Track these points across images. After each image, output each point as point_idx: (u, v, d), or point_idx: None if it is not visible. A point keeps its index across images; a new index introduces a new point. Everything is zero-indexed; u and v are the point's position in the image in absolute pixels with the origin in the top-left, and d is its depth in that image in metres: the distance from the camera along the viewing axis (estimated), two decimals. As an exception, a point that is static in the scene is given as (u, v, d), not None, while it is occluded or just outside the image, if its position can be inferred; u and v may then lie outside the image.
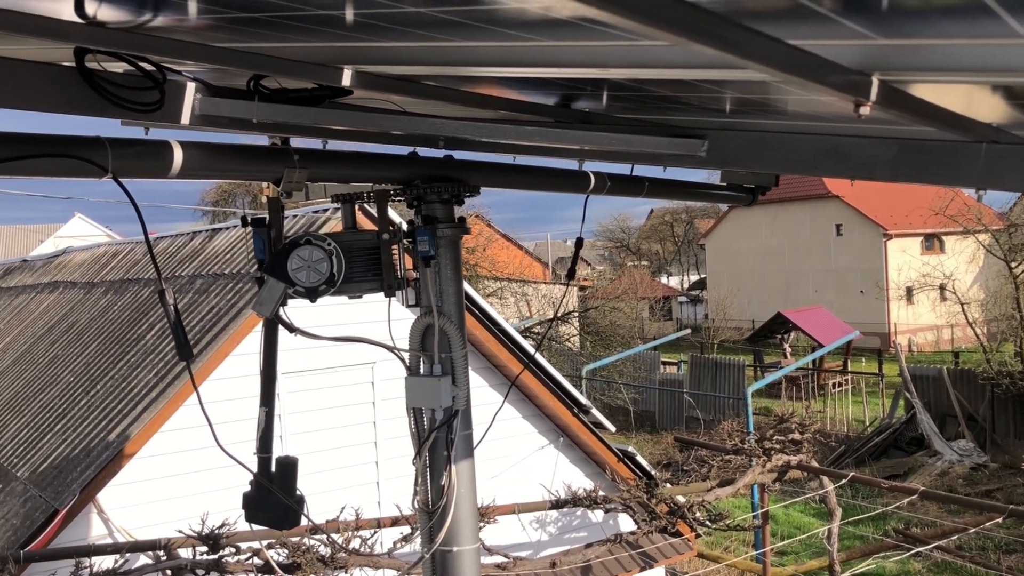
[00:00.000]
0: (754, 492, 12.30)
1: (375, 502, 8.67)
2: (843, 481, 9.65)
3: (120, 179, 2.06)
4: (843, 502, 11.82)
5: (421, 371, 2.99)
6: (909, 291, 34.19)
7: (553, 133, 2.64)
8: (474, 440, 3.00)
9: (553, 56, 2.37)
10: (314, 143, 3.14)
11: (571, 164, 3.92)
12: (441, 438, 2.89)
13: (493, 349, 8.84)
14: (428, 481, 2.93)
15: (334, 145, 3.22)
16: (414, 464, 2.96)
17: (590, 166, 3.81)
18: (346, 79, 1.97)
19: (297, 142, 2.97)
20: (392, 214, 6.83)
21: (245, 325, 7.88)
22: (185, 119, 2.13)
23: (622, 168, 4.04)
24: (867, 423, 21.39)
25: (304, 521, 3.27)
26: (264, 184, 3.00)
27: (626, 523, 9.41)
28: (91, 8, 1.93)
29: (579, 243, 3.66)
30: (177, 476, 7.68)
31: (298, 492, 3.32)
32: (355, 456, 8.66)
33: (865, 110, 1.85)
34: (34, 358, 10.98)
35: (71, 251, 15.61)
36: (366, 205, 8.71)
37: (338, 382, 8.57)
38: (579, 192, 3.47)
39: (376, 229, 2.86)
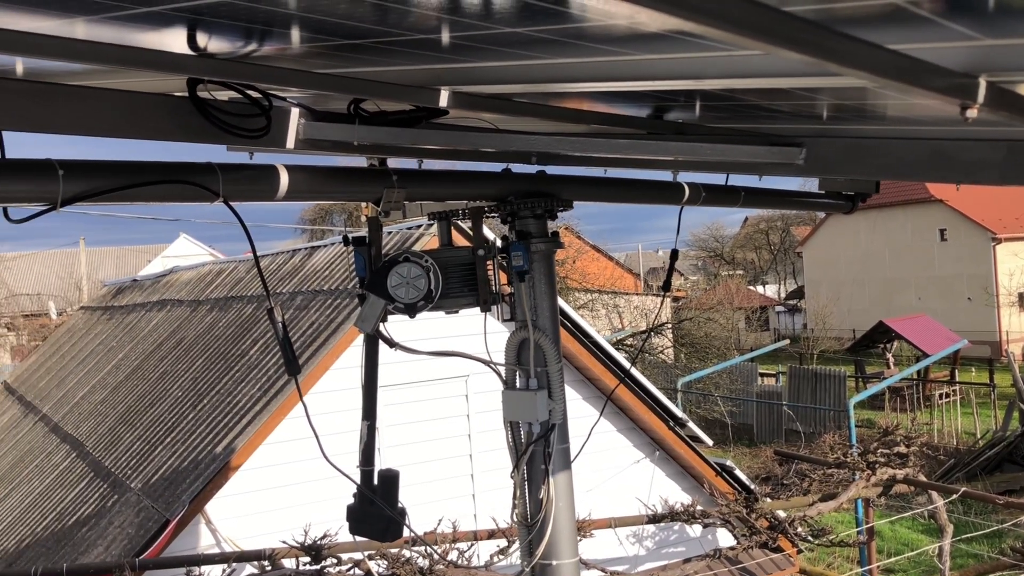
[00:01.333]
0: (858, 507, 11.91)
1: (471, 515, 8.74)
2: (954, 496, 9.27)
3: (230, 203, 2.16)
4: (954, 518, 11.34)
5: (517, 385, 3.01)
6: (1022, 297, 32.63)
7: (647, 145, 2.64)
8: (571, 453, 3.00)
9: (645, 69, 2.37)
10: (410, 163, 3.21)
11: (662, 175, 3.90)
12: (538, 451, 2.91)
13: (586, 362, 8.83)
14: (526, 494, 2.95)
15: (428, 164, 3.28)
16: (512, 478, 2.98)
17: (683, 176, 3.78)
18: (443, 100, 2.02)
19: (393, 162, 3.05)
20: (485, 230, 6.85)
21: (344, 340, 8.06)
22: (290, 143, 2.21)
23: (716, 178, 4.00)
24: (978, 436, 20.47)
25: (406, 533, 3.33)
26: (363, 203, 3.09)
27: (725, 538, 9.24)
28: (202, 41, 2.03)
29: (674, 255, 3.63)
30: (280, 488, 7.90)
31: (400, 504, 3.38)
32: (450, 469, 8.75)
33: (972, 113, 1.79)
34: (145, 373, 11.48)
35: (178, 270, 16.27)
36: (459, 222, 8.83)
37: (433, 395, 8.69)
38: (673, 203, 3.45)
39: (471, 245, 2.91)
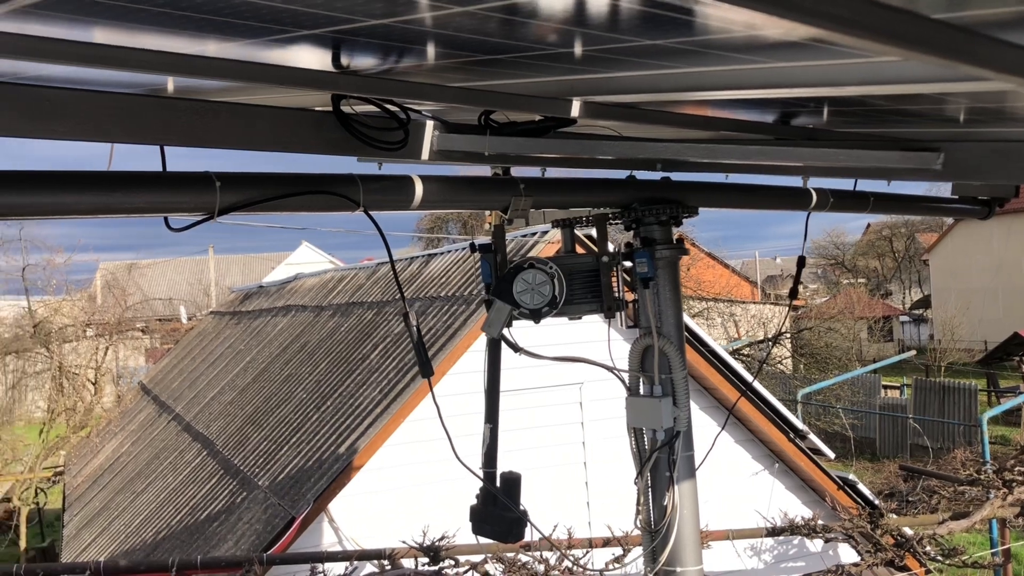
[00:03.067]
0: (993, 527, 11.32)
1: (585, 522, 8.74)
2: (1100, 520, 8.70)
3: (369, 212, 2.26)
4: (1100, 543, 10.63)
5: (641, 391, 3.02)
6: None
7: (776, 151, 2.61)
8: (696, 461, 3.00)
9: (773, 77, 2.36)
10: (533, 171, 3.27)
11: (786, 180, 3.84)
12: (663, 458, 2.91)
13: (703, 371, 8.72)
14: (650, 501, 2.96)
15: (551, 172, 3.33)
16: (636, 484, 2.99)
17: (810, 182, 3.71)
18: (575, 110, 2.07)
19: (516, 171, 3.12)
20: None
21: (460, 345, 8.21)
22: (424, 155, 2.30)
23: (842, 183, 3.91)
24: None
25: (529, 535, 3.38)
26: (487, 212, 3.17)
27: (847, 555, 8.95)
28: (345, 59, 2.14)
29: (801, 262, 3.57)
30: (400, 489, 8.10)
31: (522, 507, 3.44)
32: (565, 476, 8.78)
33: None
34: (271, 376, 11.95)
35: (301, 277, 16.87)
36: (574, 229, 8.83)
37: (547, 402, 8.74)
38: (800, 209, 3.40)
39: (594, 252, 2.94)
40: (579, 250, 3.77)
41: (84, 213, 1.92)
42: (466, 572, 6.91)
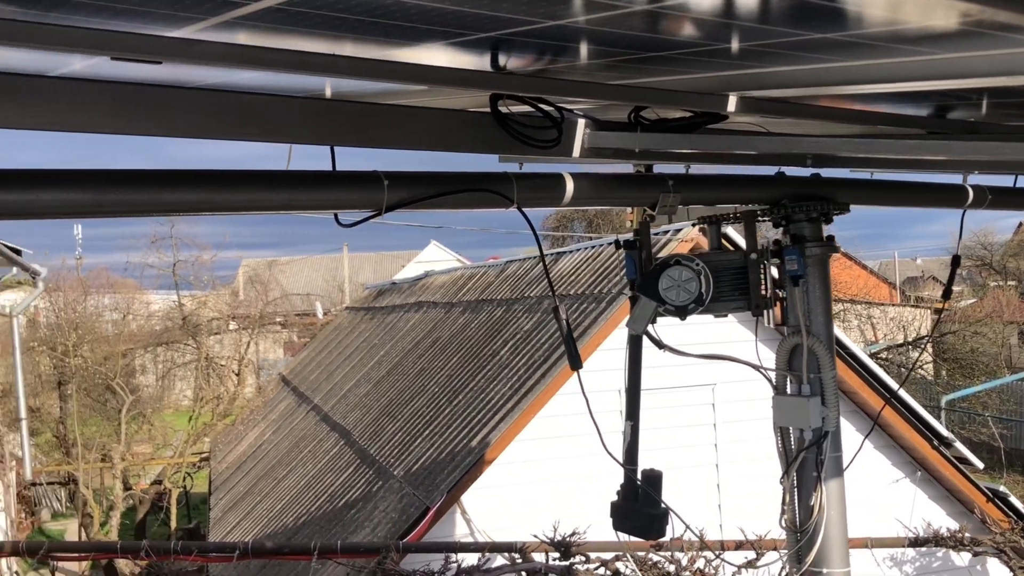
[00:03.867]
0: None
1: (716, 524, 8.62)
2: None
3: (522, 209, 2.33)
4: None
5: (788, 391, 2.99)
6: None
7: (934, 145, 2.54)
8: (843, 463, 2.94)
9: (931, 69, 2.29)
10: (677, 168, 3.27)
11: (938, 177, 3.70)
12: (810, 458, 2.87)
13: (842, 374, 8.45)
14: (795, 501, 2.92)
15: (695, 169, 3.33)
16: (781, 483, 2.96)
17: (958, 178, 3.57)
18: (731, 105, 2.07)
19: (659, 170, 3.13)
20: (735, 236, 6.79)
21: (590, 343, 8.24)
22: (576, 152, 2.35)
23: (1000, 179, 3.74)
24: None
25: (669, 533, 3.39)
26: (628, 209, 3.19)
27: (996, 570, 8.49)
28: (503, 60, 2.21)
29: (956, 261, 3.44)
30: (530, 483, 8.20)
31: (663, 504, 3.45)
32: (696, 477, 8.68)
33: None
34: (404, 370, 12.30)
35: (432, 275, 17.26)
36: (705, 227, 8.73)
37: (679, 402, 8.66)
38: (955, 207, 3.27)
39: (742, 249, 2.92)
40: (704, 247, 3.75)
41: (268, 209, 2.06)
42: (596, 568, 6.93)
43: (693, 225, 7.91)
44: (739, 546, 7.43)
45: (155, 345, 23.46)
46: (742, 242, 6.51)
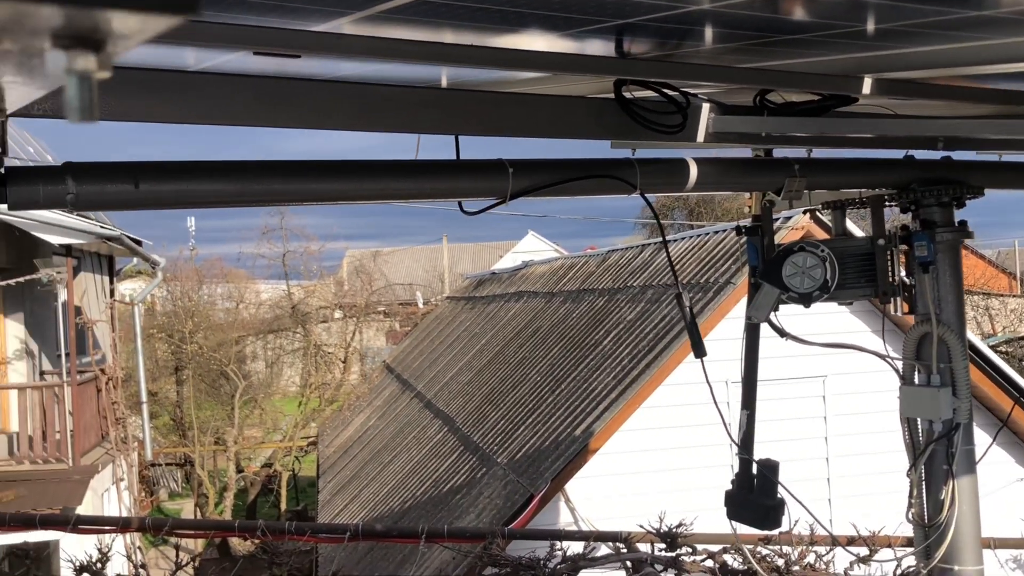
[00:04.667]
0: None
1: (826, 519, 8.40)
2: None
3: (645, 195, 2.32)
4: None
5: (916, 381, 2.89)
6: None
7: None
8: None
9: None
10: (797, 152, 3.19)
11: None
12: (939, 451, 2.78)
13: (961, 366, 8.13)
14: (923, 494, 2.83)
15: (816, 153, 3.24)
16: (908, 476, 2.87)
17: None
18: (866, 88, 2.02)
19: (778, 152, 3.07)
20: (850, 224, 6.58)
21: (697, 333, 8.12)
22: (700, 137, 2.33)
23: None
24: None
25: (784, 525, 3.33)
26: (747, 195, 3.14)
27: None
28: (627, 46, 2.21)
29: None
30: (634, 474, 8.17)
31: (779, 496, 3.40)
32: (805, 471, 8.48)
33: None
34: (506, 358, 12.40)
35: (532, 264, 17.33)
36: (819, 214, 8.48)
37: (788, 394, 8.47)
38: (1098, 190, 3.10)
39: (867, 235, 2.84)
40: (821, 236, 3.64)
41: (397, 198, 2.12)
42: (703, 560, 6.85)
43: (804, 212, 7.70)
44: (851, 542, 7.23)
45: (265, 333, 24.28)
46: (856, 230, 6.32)
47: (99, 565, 5.43)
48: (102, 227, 12.55)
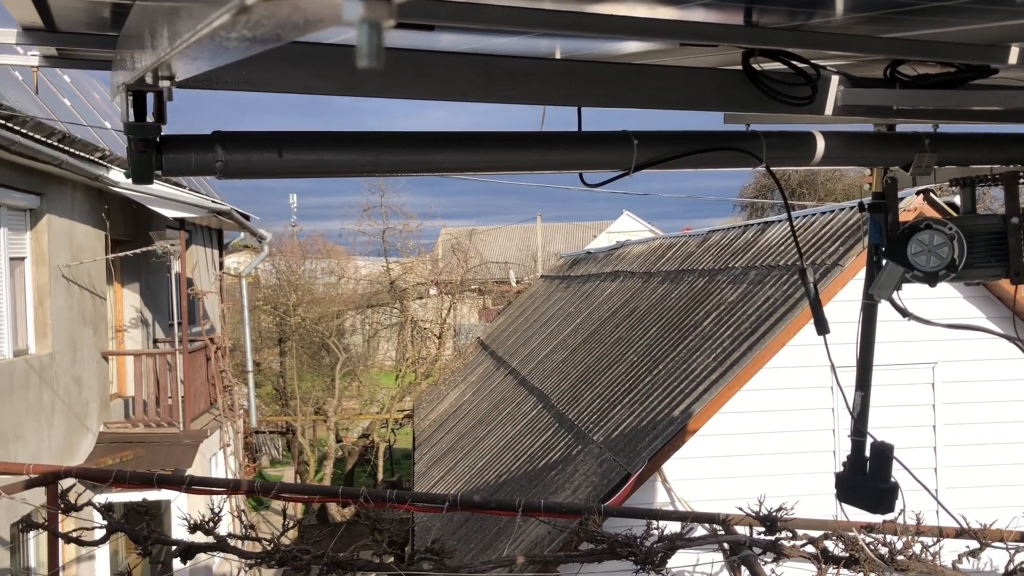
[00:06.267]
0: None
1: (933, 510, 8.16)
2: None
3: (770, 168, 2.29)
4: None
5: (1048, 365, 2.78)
6: None
7: None
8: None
9: None
10: (924, 127, 3.10)
11: None
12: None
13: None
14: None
15: (944, 128, 3.14)
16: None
17: None
18: (1012, 58, 1.94)
19: (902, 127, 2.97)
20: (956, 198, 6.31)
21: (802, 316, 7.97)
22: (828, 110, 2.28)
23: None
24: None
25: (897, 510, 3.26)
26: (866, 171, 3.06)
27: None
28: (756, 16, 2.18)
29: None
30: (733, 457, 8.08)
31: (893, 479, 3.33)
32: (911, 460, 8.22)
33: None
34: (601, 338, 12.38)
35: (628, 244, 17.22)
36: (932, 194, 8.15)
37: (896, 380, 8.23)
38: None
39: (1000, 213, 2.74)
40: (932, 214, 3.51)
41: (520, 169, 2.14)
42: (803, 546, 6.75)
43: (917, 193, 7.44)
44: (959, 534, 7.00)
45: (364, 307, 24.86)
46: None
47: (211, 524, 5.67)
48: (214, 202, 13.03)
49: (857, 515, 4.47)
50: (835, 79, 2.29)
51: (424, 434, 16.51)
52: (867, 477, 3.21)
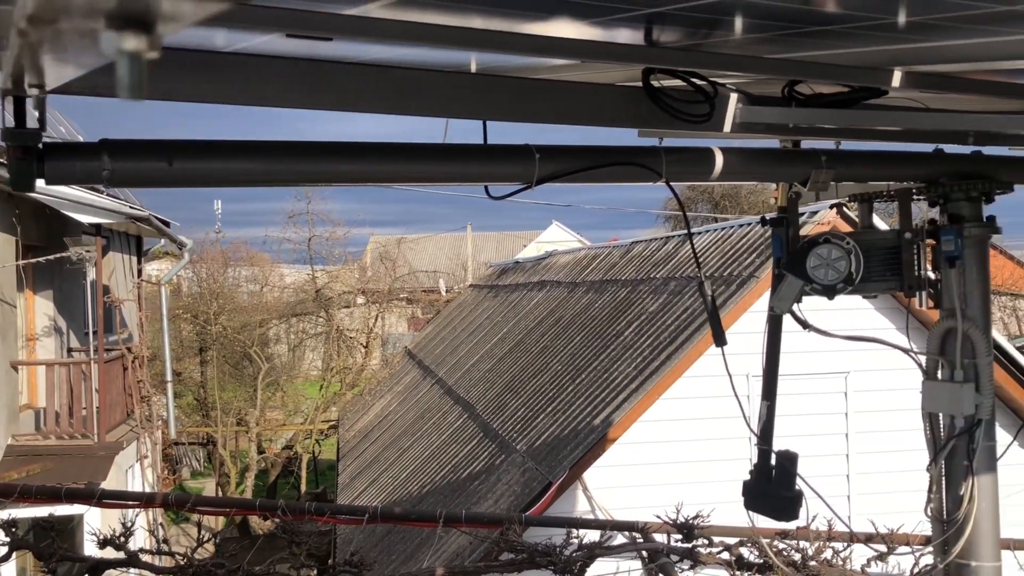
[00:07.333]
0: None
1: (845, 516, 8.38)
2: None
3: (670, 183, 2.33)
4: None
5: (939, 376, 2.89)
6: None
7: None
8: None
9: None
10: (826, 144, 3.19)
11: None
12: (960, 447, 2.77)
13: (986, 365, 8.06)
14: (943, 490, 2.83)
15: (846, 145, 3.23)
16: (928, 471, 2.87)
17: None
18: (895, 80, 2.02)
19: (806, 144, 3.06)
20: (876, 219, 6.52)
21: (720, 326, 8.10)
22: (727, 127, 2.33)
23: None
24: None
25: (802, 519, 3.34)
26: (773, 186, 3.14)
27: None
28: (656, 34, 2.21)
29: None
30: (653, 464, 8.18)
31: (797, 488, 3.40)
32: (824, 467, 8.45)
33: None
34: (527, 347, 12.43)
35: (555, 254, 17.34)
36: (845, 208, 8.40)
37: (810, 390, 8.45)
38: None
39: (895, 228, 2.83)
40: (846, 229, 3.62)
41: (423, 181, 2.14)
42: (720, 553, 6.86)
43: (831, 207, 7.67)
44: (869, 539, 7.20)
45: (289, 316, 24.48)
46: (881, 224, 6.28)
47: (122, 539, 5.50)
48: (131, 207, 12.70)
49: (773, 522, 4.56)
50: (734, 97, 2.34)
51: (349, 445, 16.33)
52: (772, 485, 3.28)
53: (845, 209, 7.96)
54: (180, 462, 23.02)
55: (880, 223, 7.07)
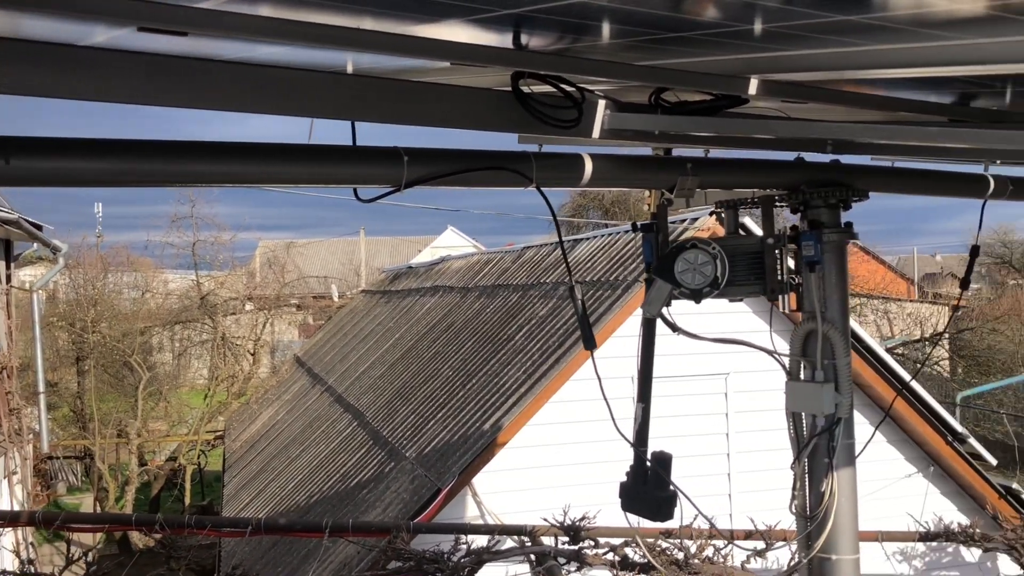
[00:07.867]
0: None
1: (727, 514, 8.63)
2: None
3: (541, 188, 2.34)
4: None
5: (802, 377, 3.00)
6: None
7: (957, 133, 2.53)
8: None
9: (954, 55, 2.29)
10: (697, 152, 3.27)
11: (958, 167, 3.68)
12: (821, 445, 2.88)
13: (857, 367, 8.43)
14: (806, 487, 2.93)
15: (715, 153, 3.33)
16: (792, 469, 2.98)
17: (980, 168, 3.56)
18: (752, 88, 2.08)
19: (679, 151, 3.14)
20: (751, 224, 6.74)
21: (605, 329, 8.24)
22: (596, 133, 2.36)
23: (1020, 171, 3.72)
24: None
25: (679, 518, 3.41)
26: (646, 192, 3.20)
27: (1007, 566, 8.48)
28: (525, 38, 2.22)
29: (975, 251, 3.44)
30: (541, 468, 8.24)
31: (671, 488, 3.47)
32: (706, 466, 8.69)
33: None
34: (419, 353, 12.35)
35: (448, 259, 17.30)
36: (722, 214, 8.68)
37: (691, 391, 8.66)
38: (976, 197, 3.26)
39: (758, 234, 2.93)
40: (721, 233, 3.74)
41: (288, 182, 2.09)
42: (605, 554, 6.96)
43: (711, 214, 7.88)
44: (748, 535, 7.43)
45: (172, 323, 23.64)
46: (758, 230, 6.50)
47: (-17, 560, 5.20)
48: (-2, 210, 12.02)
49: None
50: (602, 103, 2.37)
51: (235, 455, 15.87)
52: (647, 486, 3.33)
53: (722, 214, 8.21)
54: (55, 477, 21.92)
55: (756, 228, 7.34)
